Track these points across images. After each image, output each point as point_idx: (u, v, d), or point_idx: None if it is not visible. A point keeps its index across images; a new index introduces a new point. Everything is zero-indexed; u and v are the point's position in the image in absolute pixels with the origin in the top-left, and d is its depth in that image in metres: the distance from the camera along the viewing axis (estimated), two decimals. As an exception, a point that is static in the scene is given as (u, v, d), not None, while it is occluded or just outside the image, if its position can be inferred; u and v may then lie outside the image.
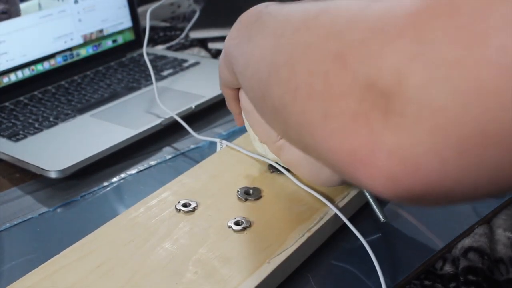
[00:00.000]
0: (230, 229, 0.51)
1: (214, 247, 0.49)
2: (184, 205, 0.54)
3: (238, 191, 0.56)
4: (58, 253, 0.50)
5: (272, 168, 0.59)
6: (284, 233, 0.50)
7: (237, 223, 0.51)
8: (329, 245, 0.53)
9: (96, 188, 0.64)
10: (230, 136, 0.73)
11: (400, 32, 0.26)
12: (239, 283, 0.45)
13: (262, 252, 0.48)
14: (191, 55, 0.95)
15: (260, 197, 0.55)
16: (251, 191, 0.56)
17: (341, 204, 0.54)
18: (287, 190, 0.56)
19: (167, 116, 0.73)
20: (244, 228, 0.51)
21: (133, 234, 0.51)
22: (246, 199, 0.55)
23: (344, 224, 0.53)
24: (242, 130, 0.68)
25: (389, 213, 0.57)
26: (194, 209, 0.54)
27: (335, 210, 0.53)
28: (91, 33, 0.89)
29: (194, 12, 1.13)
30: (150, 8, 0.87)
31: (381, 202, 0.55)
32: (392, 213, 0.57)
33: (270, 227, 0.51)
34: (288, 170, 0.58)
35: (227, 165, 0.61)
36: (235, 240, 0.50)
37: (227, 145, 0.63)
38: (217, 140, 0.65)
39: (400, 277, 0.50)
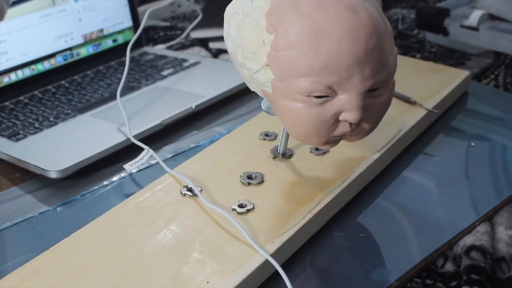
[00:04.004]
0: (234, 211, 0.53)
1: (219, 228, 0.51)
2: (189, 190, 0.56)
3: (241, 176, 0.58)
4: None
5: (275, 153, 0.61)
6: (286, 214, 0.52)
7: (240, 206, 0.53)
8: (330, 228, 0.55)
9: (96, 187, 0.64)
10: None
11: None
12: (245, 261, 0.47)
13: (266, 232, 0.50)
14: (192, 54, 0.95)
15: (263, 181, 0.57)
16: (254, 175, 0.58)
17: (339, 189, 0.56)
18: (288, 175, 0.58)
19: (166, 116, 0.73)
20: (248, 210, 0.53)
21: (140, 217, 0.54)
22: (249, 184, 0.57)
23: (344, 208, 0.55)
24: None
25: (390, 210, 0.57)
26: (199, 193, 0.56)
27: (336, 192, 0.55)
28: (92, 33, 0.89)
29: (194, 12, 1.13)
30: (148, 10, 0.86)
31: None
32: (393, 210, 0.57)
33: (273, 209, 0.53)
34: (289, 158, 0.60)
35: (231, 151, 0.63)
36: (240, 221, 0.51)
37: (169, 172, 0.61)
38: (146, 148, 0.64)
39: (401, 273, 0.50)
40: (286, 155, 0.61)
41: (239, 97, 0.82)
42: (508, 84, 0.83)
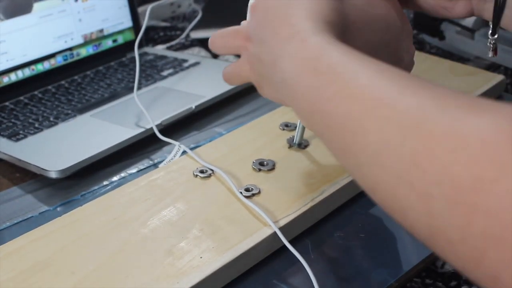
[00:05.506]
0: (240, 194, 0.55)
1: (222, 209, 0.54)
2: (201, 172, 0.59)
3: (253, 162, 0.60)
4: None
5: (291, 143, 0.63)
6: (290, 201, 0.54)
7: (247, 190, 0.55)
8: (330, 228, 0.55)
9: (96, 187, 0.64)
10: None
11: None
12: (239, 241, 0.50)
13: (264, 216, 0.52)
14: (191, 55, 0.95)
15: (273, 169, 0.59)
16: (265, 162, 0.60)
17: (345, 181, 0.57)
18: (300, 165, 0.60)
19: (166, 117, 0.73)
20: (253, 195, 0.55)
21: (150, 193, 0.57)
22: (259, 170, 0.59)
23: (345, 208, 0.56)
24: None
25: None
26: (210, 176, 0.59)
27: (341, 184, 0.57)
28: (91, 33, 0.89)
29: (194, 12, 1.13)
30: (150, 5, 0.87)
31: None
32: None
33: (278, 195, 0.55)
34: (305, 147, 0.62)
35: (249, 138, 0.65)
36: (243, 204, 0.54)
37: (186, 154, 0.64)
38: (176, 143, 0.67)
39: (401, 273, 0.50)
40: (302, 145, 0.63)
41: (239, 98, 0.82)
42: (508, 85, 0.83)
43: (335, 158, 0.37)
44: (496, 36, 0.52)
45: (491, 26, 0.51)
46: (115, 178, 0.66)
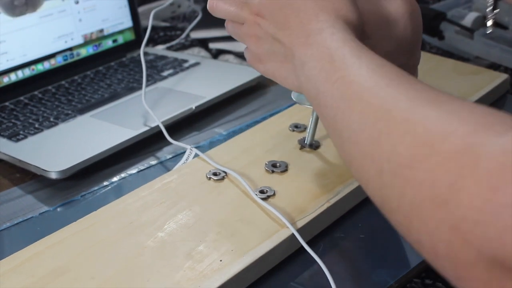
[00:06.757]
0: (256, 196, 0.54)
1: (238, 211, 0.54)
2: (214, 174, 0.59)
3: (266, 163, 0.60)
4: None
5: (302, 144, 0.63)
6: (305, 202, 0.54)
7: (262, 191, 0.55)
8: (331, 229, 0.55)
9: (96, 188, 0.64)
10: (230, 137, 0.73)
11: None
12: (258, 243, 0.50)
13: (282, 218, 0.52)
14: (191, 55, 0.95)
15: (286, 170, 0.59)
16: (278, 164, 0.60)
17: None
18: (313, 165, 0.60)
19: (166, 117, 0.73)
20: (268, 196, 0.55)
21: (165, 196, 0.57)
22: (273, 171, 0.59)
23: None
24: (242, 130, 0.69)
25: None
26: (223, 178, 0.59)
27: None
28: (92, 33, 0.89)
29: (194, 12, 1.13)
30: (153, 10, 0.87)
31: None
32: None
33: (293, 196, 0.55)
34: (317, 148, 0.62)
35: (259, 140, 0.65)
36: (259, 206, 0.54)
37: (198, 157, 0.64)
38: (188, 147, 0.66)
39: (400, 274, 0.50)
40: (313, 146, 0.63)
41: (239, 98, 0.82)
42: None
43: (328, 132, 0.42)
44: (497, 11, 0.55)
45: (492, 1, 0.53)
46: (115, 179, 0.66)
